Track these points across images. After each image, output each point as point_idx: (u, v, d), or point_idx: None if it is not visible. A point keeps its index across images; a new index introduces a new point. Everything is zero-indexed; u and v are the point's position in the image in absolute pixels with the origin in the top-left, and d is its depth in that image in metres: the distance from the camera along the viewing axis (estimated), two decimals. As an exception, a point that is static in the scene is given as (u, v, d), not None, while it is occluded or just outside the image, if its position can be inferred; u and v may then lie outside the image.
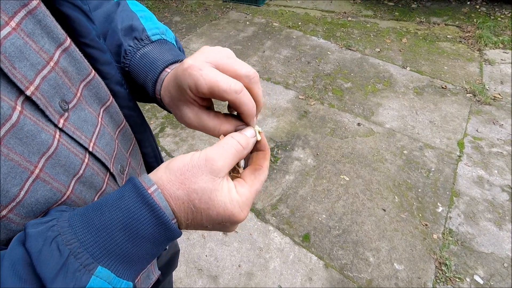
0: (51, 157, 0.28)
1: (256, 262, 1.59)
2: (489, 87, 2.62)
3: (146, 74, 0.40)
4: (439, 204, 1.82)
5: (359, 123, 2.36)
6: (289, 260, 1.59)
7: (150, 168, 0.52)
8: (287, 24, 3.68)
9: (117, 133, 0.40)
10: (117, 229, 0.25)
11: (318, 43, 3.32)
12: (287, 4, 4.18)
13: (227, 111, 0.38)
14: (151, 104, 2.64)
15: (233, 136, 0.32)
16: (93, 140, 0.34)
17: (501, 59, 2.93)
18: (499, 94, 2.54)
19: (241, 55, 3.14)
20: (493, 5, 3.74)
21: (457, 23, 3.51)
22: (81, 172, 0.31)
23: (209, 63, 0.32)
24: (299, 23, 3.71)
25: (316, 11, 3.99)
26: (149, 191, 0.27)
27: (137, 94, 0.47)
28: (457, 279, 1.49)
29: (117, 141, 0.39)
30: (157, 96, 0.40)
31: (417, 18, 3.64)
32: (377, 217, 1.77)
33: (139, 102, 0.49)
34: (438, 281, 1.50)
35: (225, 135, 0.34)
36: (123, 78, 0.42)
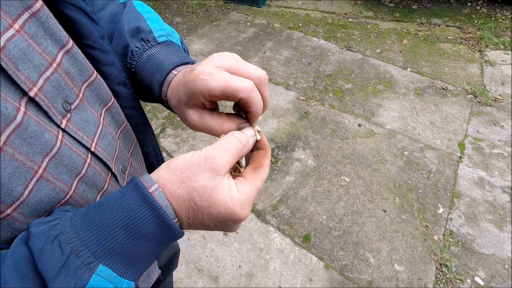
0: (54, 157, 0.28)
1: (257, 263, 1.59)
2: (490, 88, 2.62)
3: (152, 76, 0.40)
4: (439, 205, 1.82)
5: (359, 124, 2.36)
6: (290, 260, 1.59)
7: (151, 167, 0.53)
8: (287, 25, 3.68)
9: (118, 133, 0.41)
10: (118, 228, 0.25)
11: (319, 44, 3.33)
12: (287, 5, 4.19)
13: (230, 111, 0.38)
14: (152, 104, 2.65)
15: (233, 134, 0.32)
16: (95, 140, 0.34)
17: (502, 60, 2.93)
18: (500, 95, 2.54)
19: (242, 56, 3.15)
20: (493, 6, 3.74)
21: (457, 24, 3.51)
22: (83, 172, 0.31)
23: (219, 68, 0.32)
24: (300, 24, 3.71)
25: (316, 12, 3.99)
26: (150, 190, 0.27)
27: (142, 94, 0.47)
28: (458, 281, 1.49)
29: (118, 141, 0.39)
30: (163, 97, 0.40)
31: (418, 19, 3.64)
32: (377, 218, 1.77)
33: (144, 102, 0.50)
34: (439, 282, 1.49)
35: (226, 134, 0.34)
36: (128, 78, 0.42)
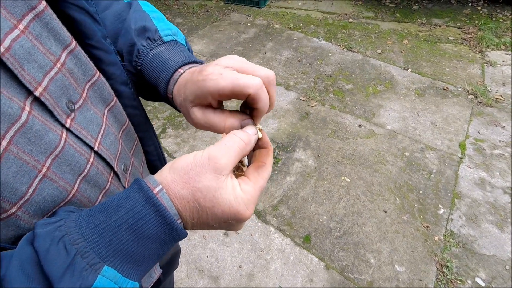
0: (58, 156, 0.28)
1: (257, 263, 1.59)
2: (490, 88, 2.62)
3: (158, 74, 0.41)
4: (440, 206, 1.82)
5: (360, 125, 2.36)
6: (290, 261, 1.59)
7: (152, 167, 0.53)
8: (288, 26, 3.68)
9: (120, 133, 0.41)
10: (123, 229, 0.26)
11: (319, 44, 3.33)
12: (288, 5, 4.19)
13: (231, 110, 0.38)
14: (153, 105, 2.65)
15: (235, 134, 0.32)
16: (98, 139, 0.34)
17: (503, 61, 2.93)
18: (501, 96, 2.54)
19: (242, 56, 3.13)
20: (494, 6, 3.73)
21: (458, 24, 3.51)
22: (86, 171, 0.32)
23: (229, 68, 0.33)
24: (300, 24, 3.71)
25: (317, 12, 4.00)
26: (154, 191, 0.27)
27: (147, 92, 0.48)
28: (459, 281, 1.49)
29: (121, 141, 0.40)
30: (169, 95, 0.40)
31: (419, 20, 3.64)
32: (378, 219, 1.77)
33: (144, 102, 0.50)
34: (440, 283, 1.49)
35: (230, 130, 0.34)
36: (129, 78, 0.43)
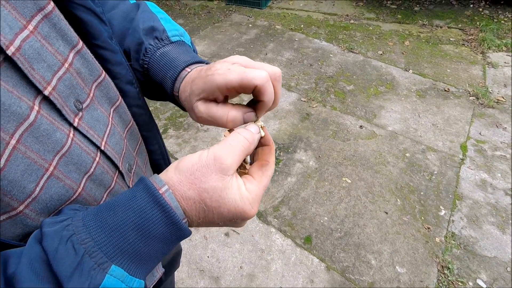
0: (64, 155, 0.29)
1: (258, 264, 1.59)
2: (492, 90, 2.61)
3: (165, 72, 0.42)
4: (441, 207, 1.81)
5: (361, 126, 2.36)
6: (291, 262, 1.59)
7: (156, 166, 0.53)
8: (289, 27, 3.69)
9: (125, 132, 0.41)
10: (130, 229, 0.26)
11: (321, 45, 3.33)
12: (289, 6, 4.20)
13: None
14: (154, 105, 2.66)
15: (240, 133, 0.32)
16: (104, 139, 0.35)
17: (505, 62, 2.92)
18: (502, 97, 2.53)
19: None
20: (496, 7, 3.73)
21: (460, 26, 3.51)
22: (92, 170, 0.32)
23: (237, 64, 0.34)
24: (302, 25, 3.72)
25: (318, 13, 4.00)
26: (160, 192, 0.28)
27: (152, 91, 0.48)
28: (460, 283, 1.49)
29: (125, 140, 0.40)
30: (175, 93, 0.41)
31: (420, 21, 3.64)
32: (379, 220, 1.76)
33: (151, 100, 0.50)
34: (441, 284, 1.49)
35: (232, 123, 0.35)
36: (134, 77, 0.43)
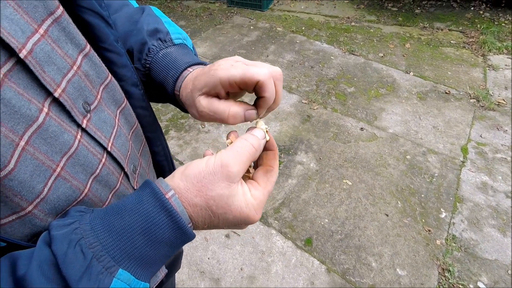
0: (71, 156, 0.29)
1: (258, 266, 1.59)
2: (493, 92, 2.62)
3: (167, 71, 0.43)
4: (442, 209, 1.81)
5: (362, 128, 2.37)
6: (291, 264, 1.59)
7: (160, 167, 0.54)
8: (290, 29, 3.70)
9: (131, 134, 0.42)
10: (137, 233, 0.27)
11: (322, 47, 3.34)
12: (291, 9, 4.22)
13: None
14: (156, 107, 2.67)
15: (246, 139, 0.33)
16: (111, 140, 0.35)
17: (505, 65, 2.93)
18: (503, 100, 2.53)
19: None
20: (496, 10, 3.74)
21: (460, 28, 3.52)
22: (98, 171, 0.33)
23: (239, 62, 0.35)
24: (303, 28, 3.73)
25: (319, 16, 4.02)
26: (167, 196, 0.28)
27: (151, 91, 0.49)
28: (461, 286, 1.48)
29: (130, 142, 0.41)
30: (176, 92, 0.42)
31: (421, 24, 3.65)
32: (379, 222, 1.76)
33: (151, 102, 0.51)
34: (441, 287, 1.49)
35: (233, 118, 0.35)
36: (139, 79, 0.44)
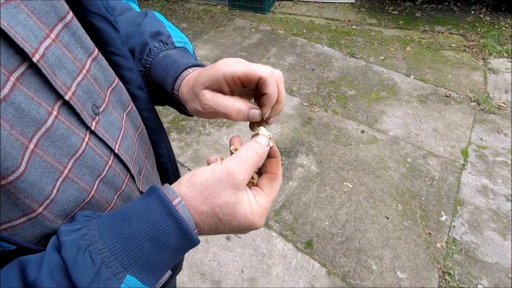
0: (79, 158, 0.30)
1: (259, 268, 1.59)
2: (493, 96, 2.62)
3: (167, 71, 0.43)
4: (442, 212, 1.82)
5: (362, 131, 2.38)
6: (292, 266, 1.60)
7: (163, 169, 0.54)
8: (292, 32, 3.72)
9: (136, 136, 0.43)
10: (144, 240, 0.27)
11: (323, 50, 3.35)
12: (292, 12, 4.24)
13: None
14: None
15: (251, 147, 0.33)
16: (118, 142, 0.36)
17: (506, 68, 2.93)
18: (503, 103, 2.54)
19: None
20: (497, 14, 3.75)
21: (461, 32, 3.53)
22: (104, 173, 0.34)
23: (242, 61, 0.36)
24: (304, 30, 3.75)
25: (320, 19, 4.03)
26: (174, 203, 0.29)
27: (150, 93, 0.50)
28: (461, 289, 1.49)
29: (136, 144, 0.42)
30: (175, 91, 0.42)
31: (421, 27, 3.67)
32: (380, 225, 1.77)
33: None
34: (442, 290, 1.49)
35: (236, 113, 0.36)
36: (144, 82, 0.45)
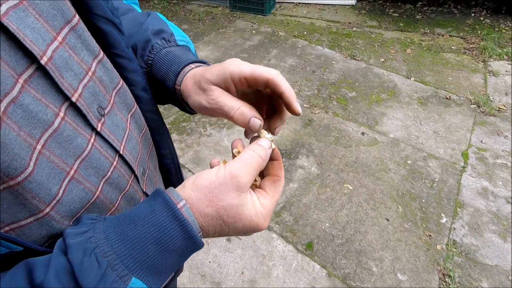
0: (84, 159, 0.30)
1: (259, 270, 1.59)
2: (493, 98, 2.63)
3: (169, 67, 0.43)
4: (443, 214, 1.82)
5: (363, 132, 2.38)
6: (292, 268, 1.60)
7: (166, 169, 0.55)
8: (292, 34, 3.73)
9: (140, 137, 0.43)
10: (149, 243, 0.28)
11: (323, 52, 3.36)
12: (293, 13, 4.25)
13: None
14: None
15: (254, 150, 0.34)
16: (123, 143, 0.37)
17: (506, 71, 2.94)
18: (503, 105, 2.55)
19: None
20: (497, 17, 3.76)
21: (461, 34, 3.54)
22: (109, 174, 0.34)
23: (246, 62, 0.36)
24: (305, 32, 3.76)
25: (321, 21, 4.05)
26: (178, 206, 0.29)
27: (152, 90, 0.50)
28: (461, 291, 1.49)
29: (140, 145, 0.42)
30: (176, 86, 0.42)
31: (422, 29, 3.68)
32: (380, 227, 1.77)
33: None
34: (442, 292, 1.49)
35: (238, 116, 0.35)
36: (148, 84, 0.46)
